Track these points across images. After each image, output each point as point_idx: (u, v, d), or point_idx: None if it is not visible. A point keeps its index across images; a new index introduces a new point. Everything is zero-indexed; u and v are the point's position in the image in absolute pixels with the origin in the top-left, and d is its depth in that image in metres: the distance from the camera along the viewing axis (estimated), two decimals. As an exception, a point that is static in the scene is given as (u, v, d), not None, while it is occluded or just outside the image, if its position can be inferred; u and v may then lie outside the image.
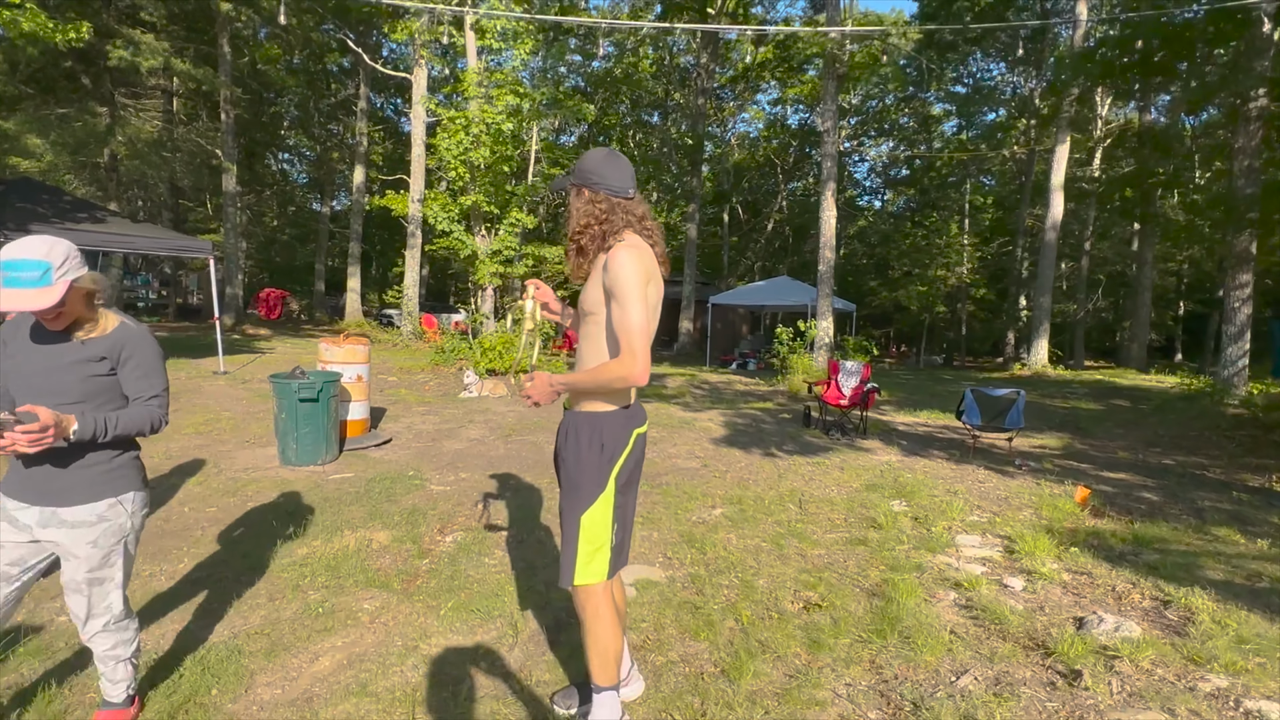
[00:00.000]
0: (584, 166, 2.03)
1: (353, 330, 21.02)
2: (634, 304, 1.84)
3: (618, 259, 1.88)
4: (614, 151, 2.06)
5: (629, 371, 1.83)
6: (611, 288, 1.88)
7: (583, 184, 2.02)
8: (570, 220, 2.05)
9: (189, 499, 4.57)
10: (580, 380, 1.94)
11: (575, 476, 2.01)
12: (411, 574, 3.49)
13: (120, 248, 9.04)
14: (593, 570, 1.99)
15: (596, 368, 1.92)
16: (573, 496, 2.02)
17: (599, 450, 1.98)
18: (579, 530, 1.99)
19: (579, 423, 2.02)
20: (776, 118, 36.52)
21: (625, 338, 1.84)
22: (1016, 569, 3.59)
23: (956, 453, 6.63)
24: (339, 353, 6.17)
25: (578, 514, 1.99)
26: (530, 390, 1.98)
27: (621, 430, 2.01)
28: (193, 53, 18.62)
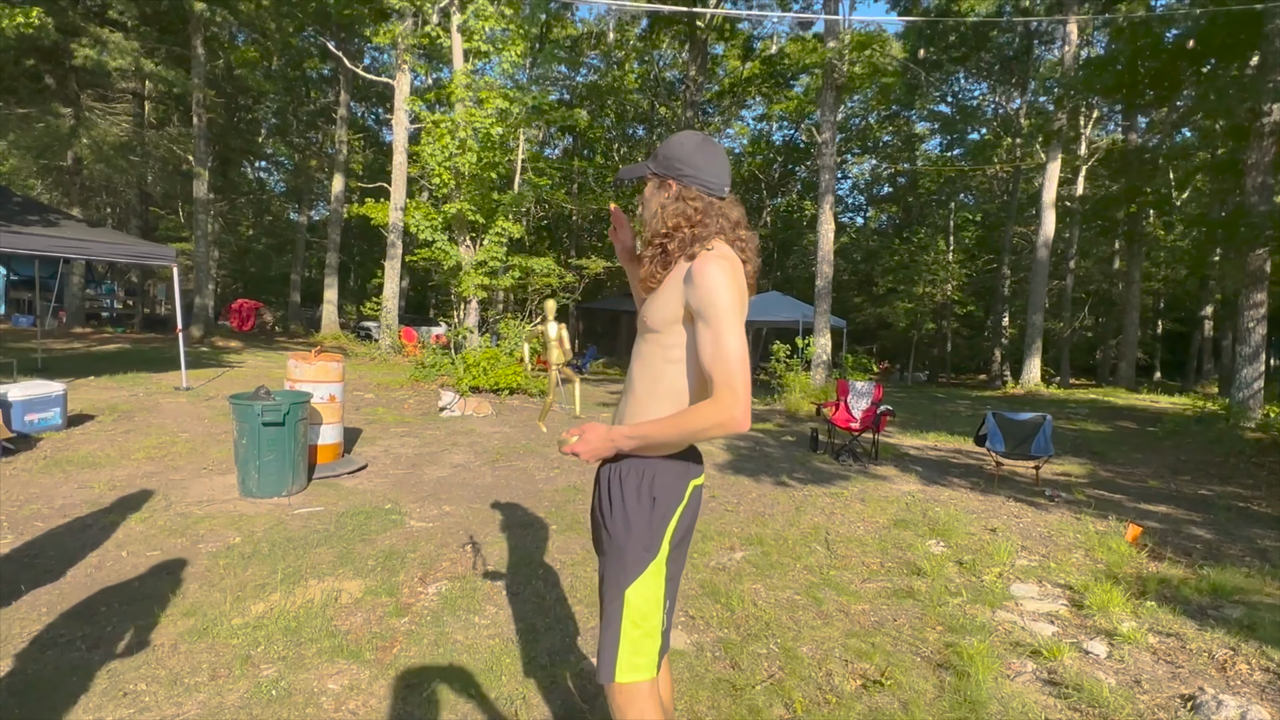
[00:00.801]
0: (673, 154, 1.61)
1: (329, 343, 20.29)
2: (732, 329, 1.43)
3: (710, 272, 1.46)
4: (708, 138, 1.66)
5: (729, 416, 1.41)
6: (702, 307, 1.46)
7: (670, 175, 1.60)
8: (650, 217, 1.62)
9: (129, 540, 3.96)
10: (659, 434, 1.49)
11: (620, 540, 1.56)
12: (388, 638, 2.92)
13: (73, 254, 8.35)
14: (640, 664, 1.53)
15: (684, 416, 1.47)
16: (615, 566, 1.57)
17: (649, 506, 1.55)
18: (623, 609, 1.54)
19: (624, 471, 1.58)
20: (761, 133, 36.52)
21: (722, 371, 1.41)
22: (1092, 629, 3.12)
23: (979, 481, 6.19)
24: (309, 370, 5.57)
25: (622, 588, 1.54)
26: (580, 446, 1.53)
27: (677, 481, 1.58)
28: (164, 54, 17.91)
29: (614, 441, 1.52)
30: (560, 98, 31.21)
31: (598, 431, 1.53)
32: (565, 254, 28.77)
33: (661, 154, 1.62)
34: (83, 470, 5.28)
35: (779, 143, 36.16)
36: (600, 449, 1.53)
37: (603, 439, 1.52)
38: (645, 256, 1.62)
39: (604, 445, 1.53)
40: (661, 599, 1.57)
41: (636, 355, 1.64)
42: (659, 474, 1.56)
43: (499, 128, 10.10)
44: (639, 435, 1.51)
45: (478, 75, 11.35)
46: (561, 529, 4.41)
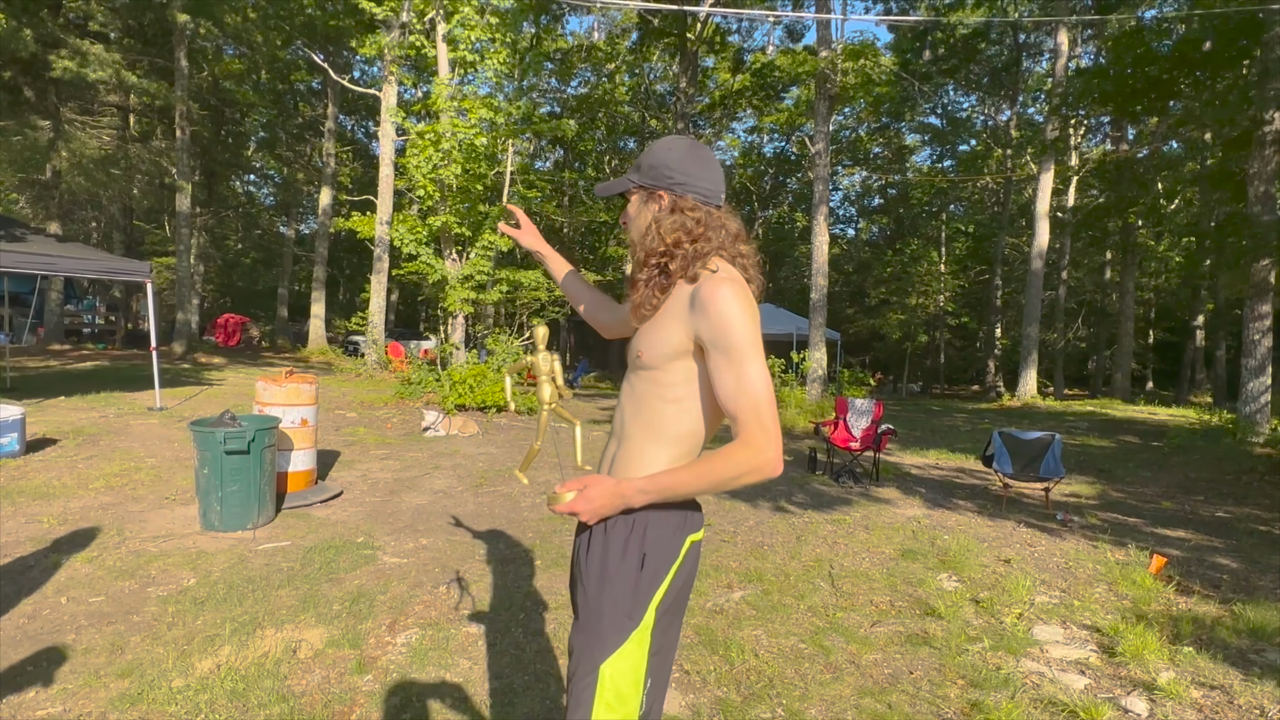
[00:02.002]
0: (660, 161, 1.39)
1: (316, 358, 19.92)
2: (755, 360, 1.23)
3: (723, 297, 1.25)
4: (697, 142, 1.45)
5: (764, 459, 1.20)
6: (717, 338, 1.24)
7: (660, 185, 1.39)
8: (641, 235, 1.40)
9: (72, 584, 3.62)
10: (682, 483, 1.25)
11: (596, 604, 1.30)
12: (346, 701, 2.61)
13: (42, 269, 8.02)
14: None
15: (710, 462, 1.23)
16: (590, 635, 1.29)
17: (637, 564, 1.29)
18: (595, 687, 1.26)
19: (613, 522, 1.31)
20: (752, 145, 36.54)
21: (750, 409, 1.21)
22: (1128, 681, 2.83)
23: (986, 504, 5.92)
24: (279, 393, 5.26)
25: (596, 662, 1.27)
26: (580, 504, 1.25)
27: (673, 535, 1.32)
28: (147, 66, 17.64)
29: (624, 498, 1.26)
30: (551, 110, 31.13)
31: (603, 486, 1.26)
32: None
33: (646, 163, 1.41)
34: (34, 502, 4.93)
35: (770, 155, 36.20)
36: (605, 507, 1.26)
37: (609, 495, 1.25)
38: (640, 280, 1.39)
39: (611, 503, 1.26)
40: (643, 678, 1.30)
41: (628, 395, 1.40)
42: (651, 526, 1.31)
43: (483, 139, 9.84)
44: (656, 489, 1.25)
45: (464, 85, 11.11)
46: (546, 564, 4.10)
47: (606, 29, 29.12)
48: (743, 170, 35.60)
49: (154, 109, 20.00)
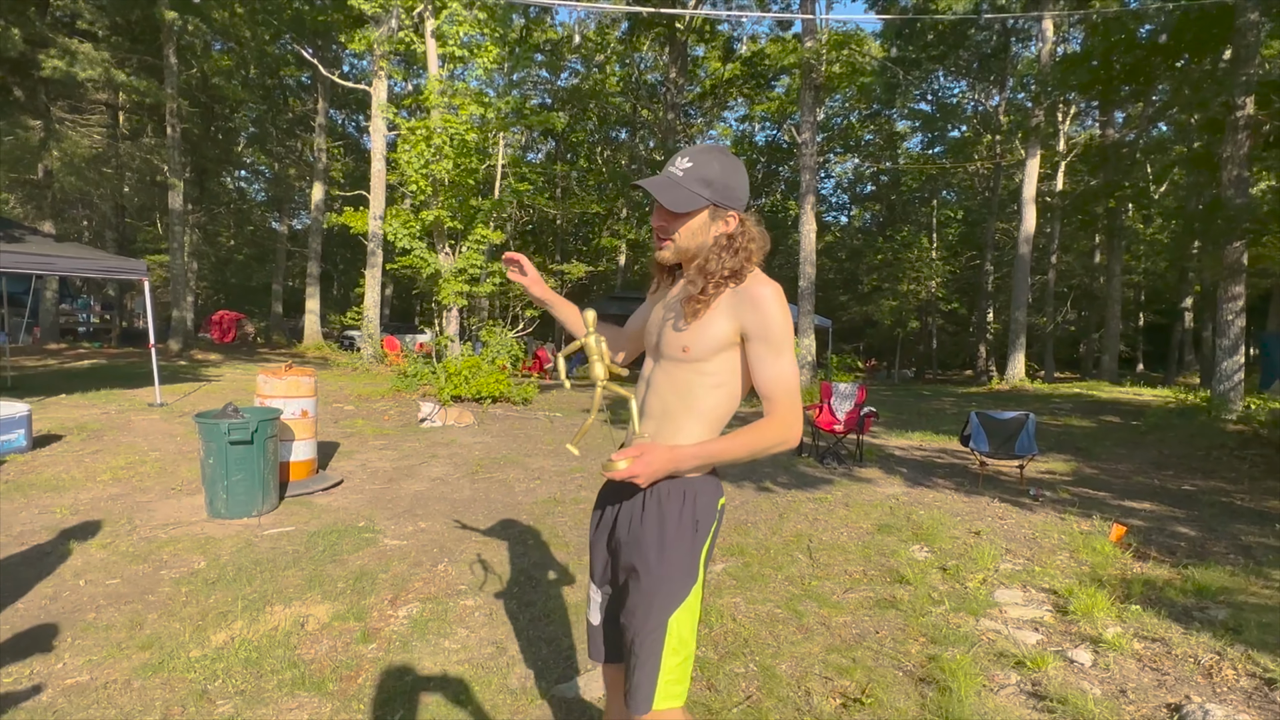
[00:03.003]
0: (735, 183, 1.54)
1: (312, 353, 20.06)
2: (790, 352, 1.50)
3: (770, 298, 1.49)
4: (733, 155, 1.58)
5: (793, 433, 1.48)
6: (763, 331, 1.49)
7: (734, 207, 1.55)
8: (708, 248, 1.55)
9: (88, 568, 3.82)
10: (728, 450, 1.48)
11: (659, 567, 1.51)
12: (353, 667, 2.81)
13: (39, 269, 8.16)
14: (676, 691, 1.50)
15: (748, 434, 1.47)
16: (657, 594, 1.50)
17: (692, 530, 1.52)
18: (665, 637, 1.48)
19: (666, 493, 1.53)
20: (744, 134, 36.59)
21: (786, 392, 1.47)
22: (1077, 636, 3.06)
23: (964, 482, 6.15)
24: (280, 385, 5.44)
25: (665, 616, 1.49)
26: (640, 467, 1.42)
27: (713, 501, 1.57)
28: (136, 64, 17.64)
29: (677, 461, 1.46)
30: (542, 102, 31.14)
31: (659, 452, 1.44)
32: (550, 258, 28.68)
33: (719, 182, 1.52)
34: (45, 494, 5.12)
35: (761, 143, 36.29)
36: (661, 470, 1.45)
37: (665, 459, 1.44)
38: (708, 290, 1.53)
39: (666, 466, 1.45)
40: (697, 622, 1.56)
41: (667, 383, 1.58)
42: (699, 495, 1.54)
43: (474, 134, 9.98)
44: (706, 454, 1.47)
45: (455, 80, 11.22)
46: (539, 544, 4.31)
47: (596, 20, 29.13)
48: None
49: (144, 107, 20.01)
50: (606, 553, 1.66)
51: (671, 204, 1.53)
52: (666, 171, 1.56)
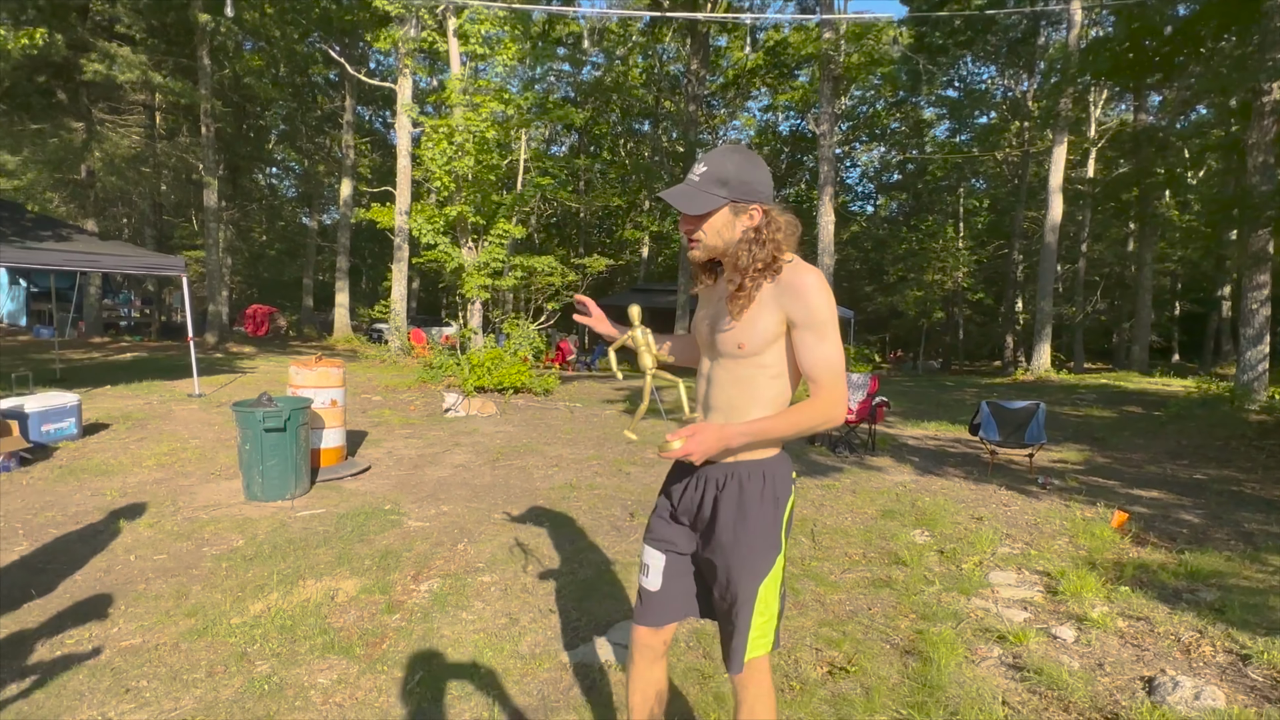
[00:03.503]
0: (751, 177, 1.60)
1: (341, 346, 20.58)
2: (836, 336, 1.58)
3: (813, 285, 1.56)
4: (750, 150, 1.66)
5: (836, 412, 1.57)
6: (808, 318, 1.56)
7: (754, 201, 1.60)
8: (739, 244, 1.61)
9: (137, 544, 4.12)
10: (775, 429, 1.57)
11: (748, 540, 1.65)
12: (378, 635, 3.05)
13: (86, 267, 8.59)
14: (763, 641, 1.68)
15: (794, 413, 1.57)
16: (748, 567, 1.65)
17: (774, 504, 1.66)
18: (755, 603, 1.65)
19: (747, 473, 1.65)
20: (768, 124, 36.37)
21: (830, 374, 1.56)
22: (1064, 614, 3.18)
23: (974, 470, 6.23)
24: (310, 376, 5.73)
25: (755, 584, 1.65)
26: (693, 445, 1.51)
27: (788, 475, 1.72)
28: (172, 65, 18.19)
29: (727, 439, 1.55)
30: (565, 95, 31.32)
31: (710, 430, 1.54)
32: (574, 251, 28.91)
33: (735, 179, 1.58)
34: (96, 478, 5.47)
35: (785, 133, 36.06)
36: (713, 448, 1.54)
37: (716, 437, 1.54)
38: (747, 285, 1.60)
39: (718, 445, 1.54)
40: (779, 589, 1.69)
41: (728, 379, 1.66)
42: (778, 475, 1.67)
43: (493, 131, 10.21)
44: (753, 432, 1.57)
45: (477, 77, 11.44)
46: (555, 526, 4.52)
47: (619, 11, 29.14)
48: (759, 149, 35.53)
49: (179, 107, 20.61)
50: (676, 525, 1.76)
51: (689, 208, 1.61)
52: (686, 179, 1.64)
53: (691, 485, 1.73)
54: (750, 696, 1.72)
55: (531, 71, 25.92)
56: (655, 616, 1.79)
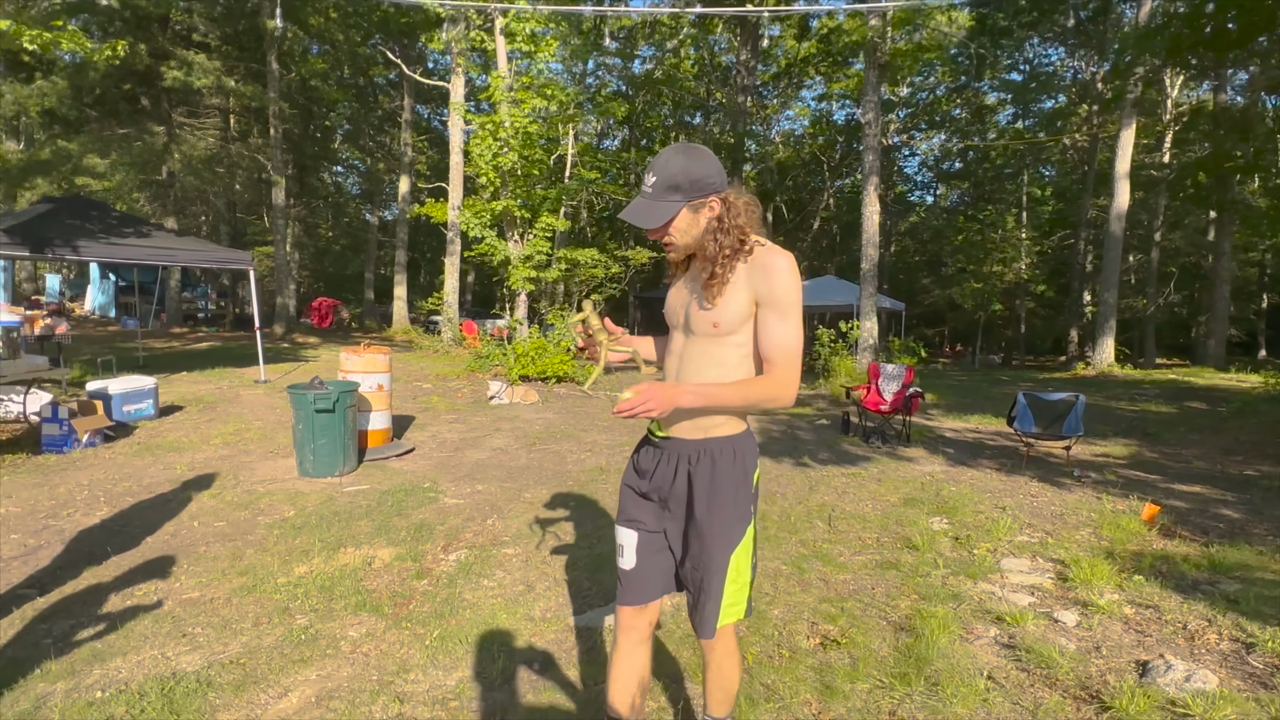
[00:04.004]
0: (699, 174, 1.63)
1: (399, 337, 21.39)
2: (797, 319, 1.63)
3: (781, 266, 1.61)
4: (696, 145, 1.71)
5: (785, 392, 1.61)
6: (773, 299, 1.62)
7: (709, 194, 1.66)
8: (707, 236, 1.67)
9: (201, 512, 4.53)
10: (724, 398, 1.63)
11: (720, 512, 1.71)
12: (406, 596, 3.31)
13: (164, 261, 9.27)
14: (734, 611, 1.78)
15: (744, 383, 1.64)
16: (721, 537, 1.72)
17: (744, 477, 1.73)
18: (727, 571, 1.73)
19: (719, 449, 1.73)
20: (822, 113, 35.74)
21: (785, 355, 1.61)
22: (1070, 600, 3.19)
23: (1008, 462, 6.14)
24: (359, 362, 6.10)
25: (727, 554, 1.73)
26: (644, 399, 1.52)
27: (754, 451, 1.80)
28: (243, 71, 19.22)
29: (677, 397, 1.57)
30: (616, 88, 31.52)
31: (663, 389, 1.55)
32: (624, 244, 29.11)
33: (685, 181, 1.63)
34: (169, 454, 5.97)
35: (841, 122, 35.35)
36: (664, 403, 1.54)
37: (669, 396, 1.55)
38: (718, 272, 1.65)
39: (670, 401, 1.55)
40: (751, 558, 1.77)
41: (699, 356, 1.72)
42: (747, 450, 1.75)
43: (535, 126, 10.48)
44: (704, 395, 1.60)
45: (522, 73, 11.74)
46: (579, 506, 4.73)
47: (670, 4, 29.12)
48: (813, 140, 34.96)
49: (250, 110, 21.74)
50: (645, 502, 1.82)
51: (650, 223, 1.66)
52: (641, 192, 1.68)
53: (663, 462, 1.78)
54: (718, 656, 1.85)
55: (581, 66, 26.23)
56: (635, 595, 1.81)
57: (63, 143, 16.58)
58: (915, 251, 39.12)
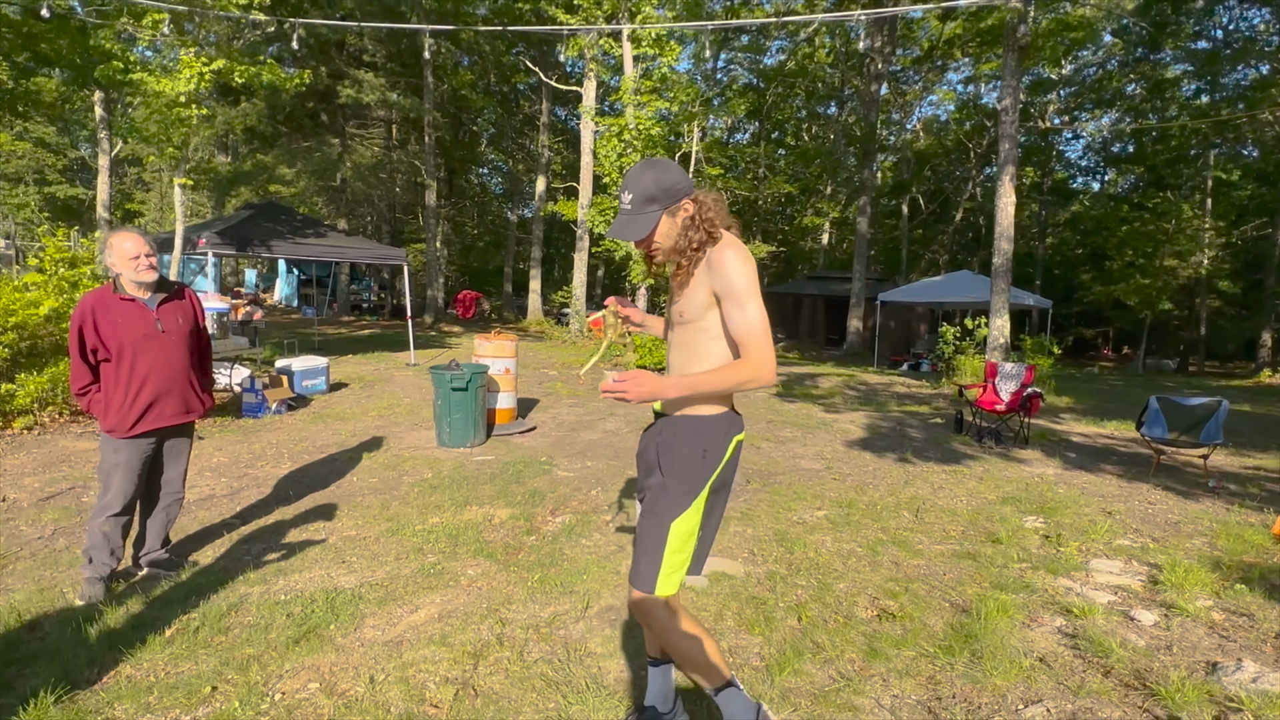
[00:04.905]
0: (669, 183, 1.83)
1: (533, 328, 22.81)
2: (754, 303, 1.75)
3: (728, 258, 1.77)
4: (656, 160, 1.92)
5: (759, 373, 1.73)
6: (727, 289, 1.77)
7: (680, 199, 1.85)
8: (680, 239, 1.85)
9: (360, 471, 5.38)
10: (702, 385, 1.77)
11: (669, 482, 1.87)
12: (516, 548, 3.85)
13: (334, 257, 10.69)
14: (671, 582, 1.86)
15: (721, 370, 1.77)
16: (664, 502, 1.86)
17: (700, 457, 1.85)
18: (667, 537, 1.85)
19: (680, 427, 1.88)
20: (970, 97, 33.51)
21: (751, 339, 1.74)
22: (1154, 602, 3.13)
23: (1133, 470, 5.78)
24: (489, 348, 6.83)
25: (667, 520, 1.85)
26: (629, 386, 1.70)
27: (723, 437, 1.88)
28: (404, 86, 21.26)
29: (662, 388, 1.73)
30: (748, 82, 31.41)
31: (647, 378, 1.71)
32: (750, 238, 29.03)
33: (659, 191, 1.82)
34: (336, 422, 7.02)
35: (991, 105, 32.96)
36: (647, 392, 1.70)
37: (652, 383, 1.71)
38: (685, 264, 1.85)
39: (653, 390, 1.71)
40: (695, 532, 1.88)
41: (678, 345, 1.91)
42: (710, 430, 1.86)
43: (657, 127, 10.92)
44: (685, 385, 1.75)
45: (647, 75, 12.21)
46: (676, 484, 5.09)
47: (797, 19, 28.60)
48: (959, 125, 32.94)
49: (408, 120, 24.00)
50: (643, 474, 2.00)
51: (634, 236, 1.85)
52: (620, 209, 1.86)
53: (648, 436, 1.99)
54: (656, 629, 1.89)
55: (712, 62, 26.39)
56: None
57: (260, 156, 19.23)
58: (1076, 244, 35.74)
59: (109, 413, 3.08)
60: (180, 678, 2.45)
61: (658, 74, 11.34)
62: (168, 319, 3.19)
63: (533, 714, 2.28)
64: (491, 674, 2.52)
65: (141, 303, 3.13)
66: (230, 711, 2.26)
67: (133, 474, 3.13)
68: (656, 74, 11.42)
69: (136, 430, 3.09)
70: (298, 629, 2.82)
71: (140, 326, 3.09)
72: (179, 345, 3.22)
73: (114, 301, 3.07)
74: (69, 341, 3.08)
